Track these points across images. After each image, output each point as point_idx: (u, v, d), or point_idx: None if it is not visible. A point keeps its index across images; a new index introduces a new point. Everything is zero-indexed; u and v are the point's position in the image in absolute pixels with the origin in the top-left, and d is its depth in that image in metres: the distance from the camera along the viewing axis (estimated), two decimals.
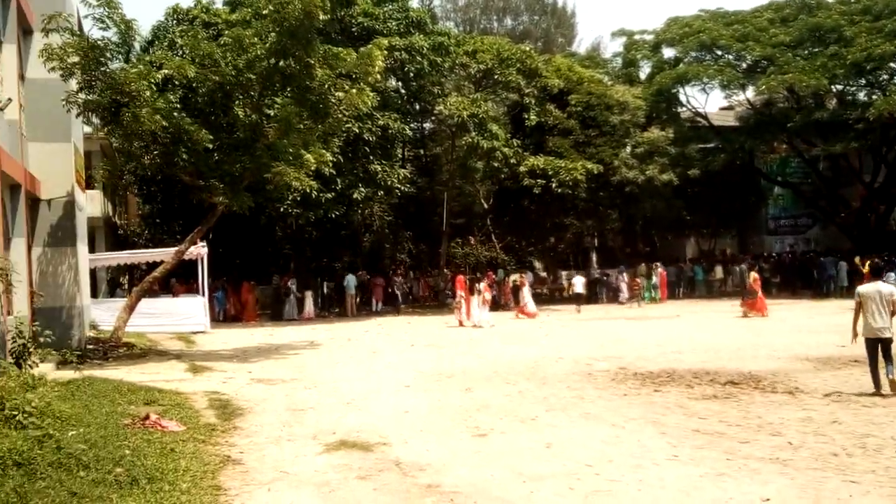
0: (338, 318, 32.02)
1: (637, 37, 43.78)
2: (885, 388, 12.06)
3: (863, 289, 12.80)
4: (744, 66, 39.84)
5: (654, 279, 36.61)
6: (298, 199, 27.14)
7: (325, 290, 35.01)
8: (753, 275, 28.31)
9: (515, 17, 61.77)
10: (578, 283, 34.37)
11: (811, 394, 12.46)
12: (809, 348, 17.82)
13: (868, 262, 28.54)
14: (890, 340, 12.31)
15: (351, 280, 33.78)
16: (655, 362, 16.51)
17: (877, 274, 13.61)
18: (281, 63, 19.28)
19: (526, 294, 30.44)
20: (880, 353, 12.30)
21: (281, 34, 18.77)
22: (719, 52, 40.05)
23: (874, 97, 36.24)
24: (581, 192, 35.08)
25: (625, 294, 36.40)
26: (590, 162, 34.85)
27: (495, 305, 31.63)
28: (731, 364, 15.89)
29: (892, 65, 36.31)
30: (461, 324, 27.26)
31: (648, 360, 16.82)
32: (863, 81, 37.77)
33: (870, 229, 40.47)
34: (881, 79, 37.22)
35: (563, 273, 41.97)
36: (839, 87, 38.34)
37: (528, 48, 37.96)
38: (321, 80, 19.38)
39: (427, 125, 40.51)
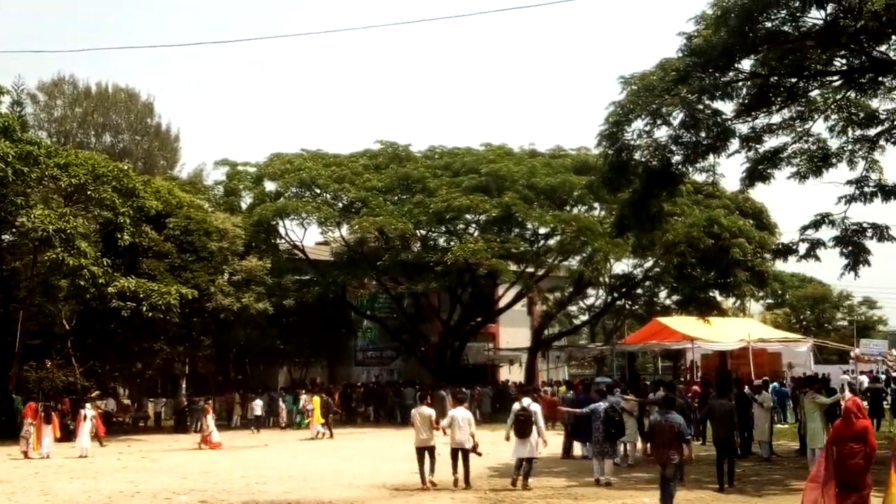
0: None
1: (240, 167, 44.38)
2: (429, 483, 16.47)
3: (413, 411, 17.30)
4: (340, 205, 42.08)
5: (302, 404, 36.29)
6: None
7: None
8: None
9: (116, 135, 59.41)
10: (257, 407, 34.64)
11: None
12: (386, 475, 18.73)
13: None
14: (433, 448, 16.64)
15: None
16: (238, 494, 16.26)
17: (422, 400, 17.60)
18: None
19: (210, 422, 28.27)
20: (427, 458, 16.59)
21: None
22: (318, 190, 41.94)
23: (452, 243, 40.13)
24: (174, 316, 33.96)
25: (283, 419, 36.74)
26: (185, 287, 34.03)
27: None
28: (313, 493, 16.17)
29: (467, 216, 40.63)
30: (26, 455, 24.55)
31: (232, 493, 16.52)
32: (443, 228, 41.66)
33: (445, 362, 44.26)
34: (458, 227, 41.50)
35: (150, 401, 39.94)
36: (423, 231, 41.88)
37: (126, 167, 36.62)
38: None
39: (6, 237, 36.95)
